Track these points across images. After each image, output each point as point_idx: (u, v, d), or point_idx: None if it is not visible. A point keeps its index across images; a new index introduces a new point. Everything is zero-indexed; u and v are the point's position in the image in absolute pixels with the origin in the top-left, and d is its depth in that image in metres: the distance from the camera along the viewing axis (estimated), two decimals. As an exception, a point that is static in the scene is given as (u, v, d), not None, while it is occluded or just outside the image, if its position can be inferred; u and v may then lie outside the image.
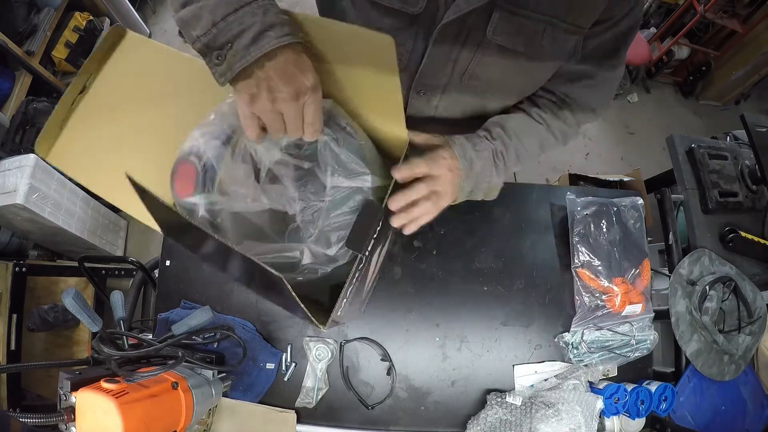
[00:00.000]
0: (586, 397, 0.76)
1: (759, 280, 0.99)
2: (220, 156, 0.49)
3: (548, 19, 0.52)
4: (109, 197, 0.59)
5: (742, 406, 0.92)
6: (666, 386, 0.82)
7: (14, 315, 0.98)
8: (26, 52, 1.81)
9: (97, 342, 0.63)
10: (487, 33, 0.54)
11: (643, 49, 2.41)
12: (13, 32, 1.78)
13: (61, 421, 0.52)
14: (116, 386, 0.54)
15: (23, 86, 1.85)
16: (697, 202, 1.04)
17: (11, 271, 1.00)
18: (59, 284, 1.04)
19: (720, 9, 2.25)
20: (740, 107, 2.67)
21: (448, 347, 0.84)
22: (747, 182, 1.08)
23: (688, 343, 0.89)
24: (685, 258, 0.95)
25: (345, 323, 0.82)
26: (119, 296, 0.71)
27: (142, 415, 0.54)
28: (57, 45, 1.93)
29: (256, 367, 0.80)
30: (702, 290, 0.92)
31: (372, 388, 0.82)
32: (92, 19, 2.05)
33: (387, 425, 0.81)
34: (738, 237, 0.98)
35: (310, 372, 0.80)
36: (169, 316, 0.80)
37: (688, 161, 1.09)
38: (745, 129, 1.04)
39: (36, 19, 1.86)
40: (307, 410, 0.79)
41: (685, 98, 2.69)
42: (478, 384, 0.83)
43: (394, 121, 0.53)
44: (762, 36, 2.29)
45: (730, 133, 1.39)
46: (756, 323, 0.94)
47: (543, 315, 0.87)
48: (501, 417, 0.77)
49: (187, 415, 0.61)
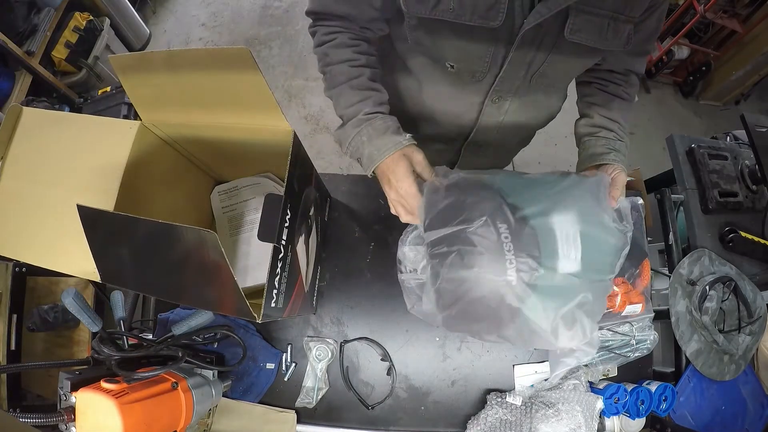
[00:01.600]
0: (586, 397, 0.76)
1: (759, 280, 0.99)
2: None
3: (611, 14, 0.57)
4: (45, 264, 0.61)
5: (742, 406, 0.91)
6: (666, 386, 0.82)
7: (14, 315, 0.98)
8: (26, 52, 1.81)
9: (97, 342, 0.63)
10: (565, 34, 0.58)
11: (643, 49, 2.41)
12: (13, 32, 1.78)
13: (61, 421, 0.52)
14: (116, 386, 0.54)
15: (23, 86, 1.85)
16: (697, 202, 1.04)
17: (11, 271, 1.00)
18: (59, 284, 1.04)
19: (720, 9, 2.26)
20: (740, 107, 2.66)
21: (448, 347, 0.84)
22: (747, 182, 1.08)
23: (688, 343, 0.89)
24: (685, 258, 0.95)
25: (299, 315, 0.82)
26: (119, 296, 0.71)
27: (142, 415, 0.54)
28: (57, 45, 1.93)
29: (256, 367, 0.80)
30: (702, 290, 0.92)
31: (372, 388, 0.82)
32: (92, 19, 2.05)
33: (387, 425, 0.81)
34: (738, 237, 0.98)
35: (310, 372, 0.80)
36: (169, 316, 0.80)
37: (688, 161, 1.09)
38: (745, 129, 1.04)
39: (36, 19, 1.86)
40: (307, 410, 0.79)
41: (685, 98, 2.69)
42: (478, 384, 0.83)
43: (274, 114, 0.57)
44: (762, 36, 2.29)
45: (730, 133, 1.39)
46: (756, 323, 0.94)
47: (543, 315, 0.87)
48: (501, 417, 0.77)
49: (187, 415, 0.61)
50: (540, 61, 0.63)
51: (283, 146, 0.58)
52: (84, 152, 0.63)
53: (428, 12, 0.57)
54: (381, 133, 0.63)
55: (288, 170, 0.55)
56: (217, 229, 0.86)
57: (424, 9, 0.57)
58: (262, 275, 0.64)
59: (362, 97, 0.65)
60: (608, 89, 0.76)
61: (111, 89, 1.63)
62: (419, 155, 0.64)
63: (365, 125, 0.64)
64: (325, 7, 0.65)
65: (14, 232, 0.62)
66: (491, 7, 0.54)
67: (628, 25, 0.59)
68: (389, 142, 0.63)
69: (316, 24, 0.68)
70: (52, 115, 0.66)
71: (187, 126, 0.65)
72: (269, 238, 0.51)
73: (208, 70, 0.52)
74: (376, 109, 0.65)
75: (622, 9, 0.57)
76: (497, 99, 0.74)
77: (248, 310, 0.47)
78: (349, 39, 0.67)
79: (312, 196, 0.71)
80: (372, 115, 0.64)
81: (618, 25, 0.59)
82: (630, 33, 0.61)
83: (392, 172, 0.63)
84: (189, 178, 0.82)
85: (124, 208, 0.59)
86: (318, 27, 0.68)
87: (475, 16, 0.56)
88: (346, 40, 0.66)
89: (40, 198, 0.63)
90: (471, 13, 0.55)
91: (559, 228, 0.56)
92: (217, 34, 2.60)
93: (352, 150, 0.66)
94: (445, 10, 0.56)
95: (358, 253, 0.88)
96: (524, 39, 0.59)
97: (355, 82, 0.65)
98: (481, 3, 0.54)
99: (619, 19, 0.58)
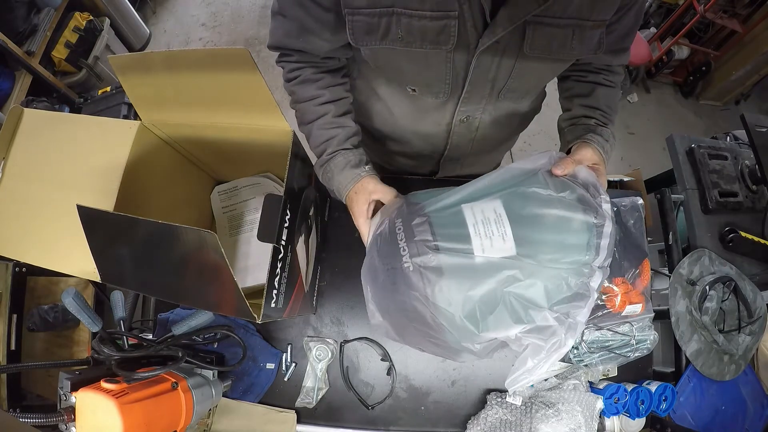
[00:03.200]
0: (586, 397, 0.76)
1: (759, 280, 0.99)
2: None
3: (575, 21, 0.53)
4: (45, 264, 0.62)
5: (742, 406, 0.91)
6: (666, 386, 0.82)
7: (14, 315, 0.98)
8: (26, 52, 1.82)
9: (97, 342, 0.63)
10: (524, 49, 0.56)
11: (643, 49, 2.41)
12: (13, 32, 1.78)
13: (61, 421, 0.52)
14: (116, 386, 0.54)
15: (23, 86, 1.86)
16: (697, 202, 1.04)
17: (11, 271, 1.00)
18: (59, 284, 1.04)
19: (720, 9, 2.26)
20: (740, 107, 2.67)
21: (448, 347, 0.84)
22: (747, 182, 1.08)
23: (688, 343, 0.89)
24: (685, 258, 0.95)
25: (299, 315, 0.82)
26: (119, 296, 0.71)
27: (142, 415, 0.54)
28: (57, 45, 1.93)
29: (256, 367, 0.80)
30: (702, 290, 0.92)
31: (372, 388, 0.82)
32: (92, 19, 2.05)
33: (387, 425, 0.81)
34: (738, 237, 0.98)
35: (310, 372, 0.80)
36: (169, 316, 0.80)
37: (688, 161, 1.09)
38: (745, 129, 1.04)
39: (36, 19, 1.86)
40: (307, 410, 0.79)
41: (685, 98, 2.69)
42: (478, 384, 0.83)
43: (274, 114, 0.57)
44: (762, 36, 2.29)
45: (730, 133, 1.39)
46: (756, 323, 0.94)
47: (543, 315, 0.87)
48: (501, 417, 0.77)
49: (187, 415, 0.61)
50: (504, 76, 0.61)
51: (283, 146, 0.58)
52: (84, 152, 0.63)
53: (377, 42, 0.56)
54: (341, 170, 0.66)
55: (288, 170, 0.55)
56: (217, 229, 0.86)
57: (373, 40, 0.56)
58: (262, 275, 0.64)
59: (327, 137, 0.67)
60: (587, 79, 0.73)
61: (111, 89, 1.64)
62: (371, 184, 0.65)
63: (327, 164, 0.67)
64: (280, 43, 0.64)
65: (14, 232, 0.63)
66: (441, 31, 0.52)
67: (597, 30, 0.56)
68: (348, 176, 0.65)
69: (280, 59, 0.68)
70: (52, 115, 0.67)
71: (187, 126, 0.65)
72: (269, 238, 0.51)
73: (208, 70, 0.52)
74: (338, 147, 0.67)
75: (587, 14, 0.53)
76: (465, 119, 0.72)
77: (248, 310, 0.47)
78: (312, 74, 0.67)
79: (312, 196, 0.71)
80: (334, 153, 0.66)
81: (584, 32, 0.55)
82: (601, 37, 0.57)
83: (351, 207, 0.66)
84: (189, 178, 0.82)
85: (124, 208, 0.59)
86: (283, 63, 0.68)
87: (426, 42, 0.54)
88: (309, 76, 0.67)
89: (40, 198, 0.63)
90: (421, 39, 0.54)
91: (470, 210, 0.54)
92: (217, 34, 2.60)
93: (327, 184, 0.69)
94: (393, 39, 0.54)
95: (358, 253, 0.86)
96: (482, 58, 0.57)
97: (320, 122, 0.67)
98: (430, 28, 0.52)
99: (584, 26, 0.54)
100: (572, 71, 0.75)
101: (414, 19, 0.52)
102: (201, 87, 0.55)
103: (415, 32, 0.53)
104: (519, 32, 0.54)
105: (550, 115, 0.87)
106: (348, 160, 0.66)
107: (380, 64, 0.64)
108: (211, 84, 0.54)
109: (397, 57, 0.59)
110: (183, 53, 0.51)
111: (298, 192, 0.61)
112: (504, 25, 0.51)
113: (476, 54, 0.56)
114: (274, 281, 0.52)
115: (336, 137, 0.67)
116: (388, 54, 0.59)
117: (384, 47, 0.56)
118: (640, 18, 0.63)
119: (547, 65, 0.61)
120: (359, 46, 0.58)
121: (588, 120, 0.69)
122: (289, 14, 0.60)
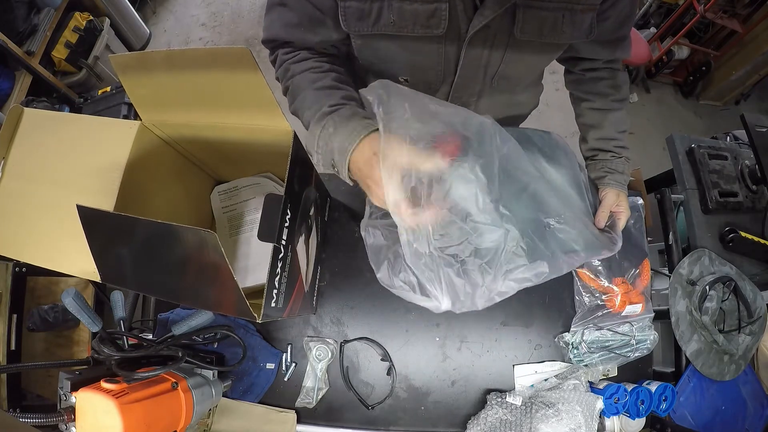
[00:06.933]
0: (586, 397, 0.76)
1: (759, 280, 0.99)
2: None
3: (565, 5, 0.54)
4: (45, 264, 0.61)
5: (742, 406, 0.91)
6: (666, 386, 0.82)
7: (14, 315, 0.98)
8: (26, 52, 1.82)
9: (97, 342, 0.63)
10: (515, 33, 0.56)
11: (643, 49, 2.41)
12: (13, 32, 1.78)
13: (61, 421, 0.52)
14: (116, 386, 0.54)
15: (23, 86, 1.85)
16: (697, 202, 1.04)
17: (11, 271, 1.00)
18: (59, 284, 1.04)
19: (720, 9, 2.26)
20: (740, 107, 2.67)
21: (448, 347, 0.84)
22: (747, 182, 1.08)
23: (688, 343, 0.89)
24: (685, 258, 0.95)
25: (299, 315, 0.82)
26: (119, 296, 0.71)
27: (142, 415, 0.54)
28: (57, 45, 1.93)
29: (256, 367, 0.80)
30: (702, 290, 0.92)
31: (372, 388, 0.82)
32: (92, 19, 2.05)
33: (387, 425, 0.81)
34: (738, 237, 0.98)
35: (310, 372, 0.80)
36: (169, 316, 0.80)
37: (688, 161, 1.09)
38: (745, 129, 1.04)
39: (36, 19, 1.86)
40: (307, 410, 0.79)
41: (685, 98, 2.69)
42: (478, 384, 0.83)
43: (274, 114, 0.56)
44: (762, 36, 2.29)
45: (730, 133, 1.39)
46: (756, 323, 0.94)
47: (543, 315, 0.87)
48: (501, 417, 0.77)
49: (187, 415, 0.61)
50: (496, 62, 0.62)
51: (283, 146, 0.58)
52: (84, 152, 0.63)
53: (369, 28, 0.56)
54: (347, 120, 0.53)
55: (288, 170, 0.55)
56: (217, 229, 0.86)
57: (365, 26, 0.56)
58: (262, 275, 0.64)
59: (327, 94, 0.57)
60: (596, 106, 0.77)
61: (111, 89, 1.64)
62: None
63: (329, 117, 0.54)
64: (278, 35, 0.63)
65: (14, 232, 0.63)
66: (432, 14, 0.53)
67: (589, 13, 0.56)
68: (357, 126, 0.52)
69: (274, 51, 0.66)
70: (52, 115, 0.67)
71: (187, 126, 0.65)
72: (269, 238, 0.51)
73: (208, 70, 0.52)
74: (342, 101, 0.56)
75: None
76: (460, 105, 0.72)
77: (248, 310, 0.47)
78: (311, 54, 0.64)
79: (312, 196, 0.71)
80: (337, 106, 0.55)
81: (575, 16, 0.56)
82: (593, 21, 0.58)
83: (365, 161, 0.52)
84: (189, 178, 0.82)
85: (124, 208, 0.59)
86: (277, 52, 0.66)
87: (417, 26, 0.54)
88: (307, 55, 0.63)
89: (40, 198, 0.63)
90: (413, 23, 0.54)
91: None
92: (217, 34, 2.60)
93: (323, 152, 0.55)
94: (386, 24, 0.54)
95: (358, 253, 0.87)
96: (473, 42, 0.57)
97: (318, 84, 0.59)
98: (421, 12, 0.53)
99: (574, 9, 0.55)
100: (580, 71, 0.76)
101: (405, 3, 0.52)
102: (201, 86, 0.55)
103: (407, 16, 0.53)
104: (509, 16, 0.54)
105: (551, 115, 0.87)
106: (356, 111, 0.54)
107: (370, 59, 0.63)
108: (212, 83, 0.54)
109: (390, 46, 0.59)
110: (183, 52, 0.50)
111: (298, 192, 0.61)
112: (494, 8, 0.52)
113: (467, 38, 0.56)
114: (274, 281, 0.52)
115: (339, 93, 0.58)
116: (380, 44, 0.59)
117: (376, 33, 0.56)
118: (635, 6, 0.64)
119: (538, 52, 0.62)
120: (351, 33, 0.58)
121: (605, 154, 0.78)
122: (290, 3, 0.60)
